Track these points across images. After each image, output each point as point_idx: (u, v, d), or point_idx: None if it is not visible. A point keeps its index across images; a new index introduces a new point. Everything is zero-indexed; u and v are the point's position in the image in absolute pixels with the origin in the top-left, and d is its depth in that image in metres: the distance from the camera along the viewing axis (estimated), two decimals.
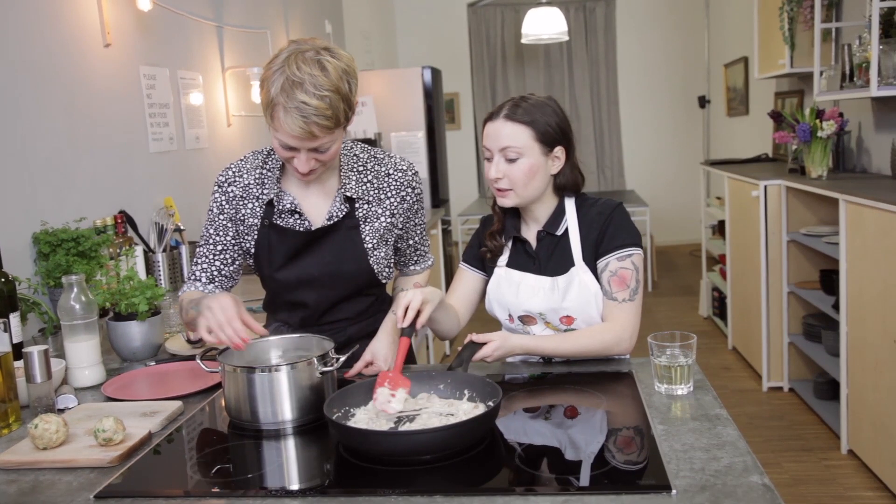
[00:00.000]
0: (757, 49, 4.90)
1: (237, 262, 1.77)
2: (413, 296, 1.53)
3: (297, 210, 1.69)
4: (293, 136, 1.51)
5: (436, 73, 5.11)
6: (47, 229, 2.19)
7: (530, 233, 1.79)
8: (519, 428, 1.39)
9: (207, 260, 1.74)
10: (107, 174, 2.62)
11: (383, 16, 7.47)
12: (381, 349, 1.70)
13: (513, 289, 1.76)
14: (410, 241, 1.86)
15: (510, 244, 1.80)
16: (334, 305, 1.76)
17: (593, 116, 8.00)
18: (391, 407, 1.37)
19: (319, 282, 1.72)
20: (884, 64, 3.14)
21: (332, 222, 1.69)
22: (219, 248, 1.74)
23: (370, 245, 1.72)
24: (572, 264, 1.71)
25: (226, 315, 1.42)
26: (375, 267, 1.74)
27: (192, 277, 1.75)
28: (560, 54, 7.91)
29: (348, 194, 1.69)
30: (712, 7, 7.26)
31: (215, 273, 1.74)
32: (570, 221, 1.74)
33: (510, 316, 1.79)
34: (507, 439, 1.32)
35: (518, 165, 1.67)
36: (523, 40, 6.34)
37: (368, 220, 1.73)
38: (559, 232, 1.74)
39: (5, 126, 2.14)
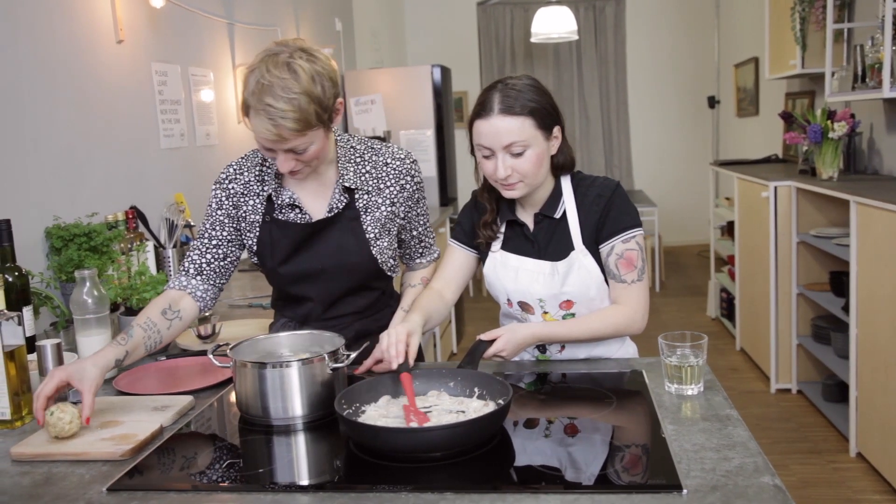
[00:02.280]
0: (768, 49, 4.88)
1: (229, 259, 1.76)
2: (396, 334, 1.52)
3: (297, 204, 1.70)
4: (264, 138, 1.53)
5: (445, 72, 5.10)
6: (60, 224, 2.20)
7: (527, 216, 1.75)
8: (529, 431, 1.39)
9: (199, 252, 1.74)
10: (118, 170, 2.63)
11: (393, 13, 7.47)
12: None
13: (510, 273, 1.73)
14: (414, 233, 1.85)
15: (504, 226, 1.77)
16: (339, 299, 1.77)
17: (602, 116, 7.98)
18: None
19: (323, 274, 1.72)
20: None
21: (332, 214, 1.70)
22: (213, 242, 1.74)
23: (372, 235, 1.72)
24: (572, 248, 1.68)
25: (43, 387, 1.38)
26: (379, 257, 1.74)
27: (181, 269, 1.75)
28: (569, 53, 7.90)
29: (347, 185, 1.70)
30: (723, 7, 7.23)
31: (204, 265, 1.74)
32: (568, 203, 1.70)
33: (509, 300, 1.77)
34: (517, 442, 1.32)
35: (525, 158, 1.61)
36: (533, 39, 6.33)
37: (369, 210, 1.73)
38: (557, 215, 1.70)
39: (18, 121, 2.16)
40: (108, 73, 2.60)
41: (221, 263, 1.75)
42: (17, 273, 1.78)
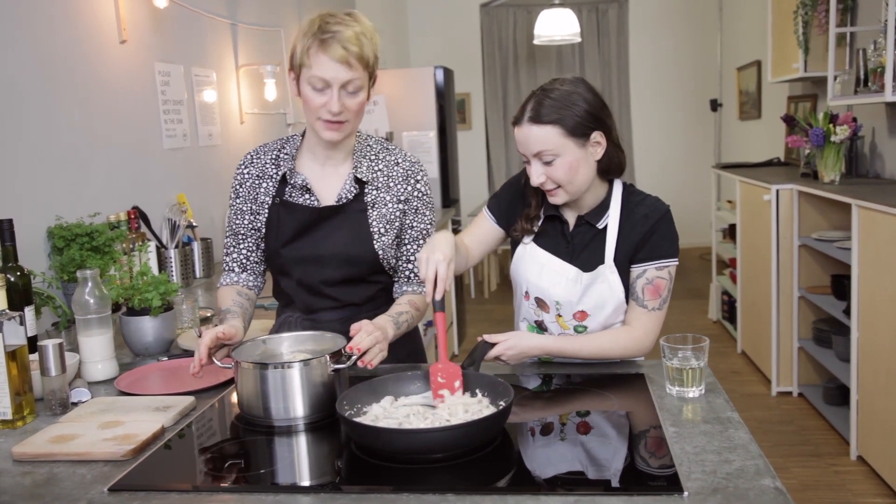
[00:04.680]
0: (770, 53, 4.89)
1: (262, 249, 1.81)
2: (438, 262, 1.44)
3: (308, 187, 1.73)
4: (332, 60, 1.58)
5: (448, 73, 5.11)
6: (62, 224, 2.21)
7: (570, 215, 1.72)
8: (531, 433, 1.39)
9: (235, 248, 1.82)
10: (121, 170, 2.64)
11: (396, 15, 7.48)
12: (365, 325, 1.53)
13: (535, 268, 1.71)
14: (406, 244, 1.79)
15: (542, 219, 1.74)
16: (337, 285, 1.75)
17: None
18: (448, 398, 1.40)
19: (324, 261, 1.73)
20: None
21: (340, 203, 1.73)
22: (240, 235, 1.81)
23: (376, 229, 1.74)
24: (601, 262, 1.67)
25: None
26: (381, 252, 1.75)
27: (226, 268, 1.83)
28: (572, 56, 7.91)
29: (359, 176, 1.74)
30: (725, 10, 7.23)
31: (244, 261, 1.82)
32: (612, 216, 1.68)
33: (527, 293, 1.75)
34: (519, 443, 1.32)
35: (556, 166, 1.60)
36: (535, 41, 6.33)
37: (376, 205, 1.75)
38: (600, 226, 1.68)
39: (21, 121, 2.16)
40: (111, 74, 2.61)
41: (258, 254, 1.82)
42: (19, 273, 1.78)
